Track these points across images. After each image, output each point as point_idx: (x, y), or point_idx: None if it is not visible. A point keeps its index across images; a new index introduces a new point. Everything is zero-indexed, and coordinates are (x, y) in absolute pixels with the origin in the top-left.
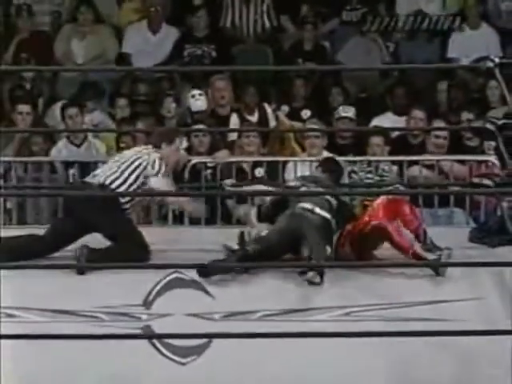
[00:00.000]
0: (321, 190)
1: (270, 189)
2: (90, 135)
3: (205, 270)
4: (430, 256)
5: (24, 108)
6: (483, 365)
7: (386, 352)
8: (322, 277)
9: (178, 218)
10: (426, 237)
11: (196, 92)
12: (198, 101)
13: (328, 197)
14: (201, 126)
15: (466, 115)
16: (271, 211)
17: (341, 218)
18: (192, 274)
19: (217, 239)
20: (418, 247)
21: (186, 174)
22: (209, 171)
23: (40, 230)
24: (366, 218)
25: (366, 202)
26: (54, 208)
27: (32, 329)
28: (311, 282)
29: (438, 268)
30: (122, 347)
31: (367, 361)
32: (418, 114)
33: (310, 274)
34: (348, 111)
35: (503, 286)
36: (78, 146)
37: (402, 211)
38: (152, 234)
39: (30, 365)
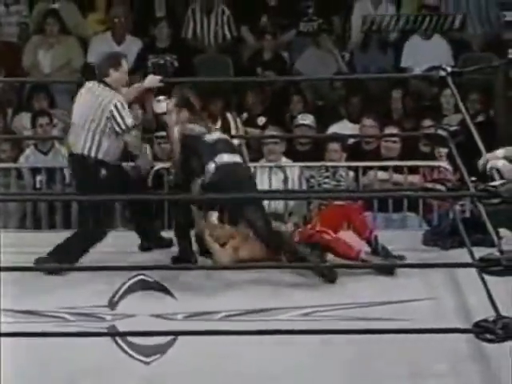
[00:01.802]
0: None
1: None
2: (56, 143)
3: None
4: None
5: None
6: (435, 361)
7: (344, 350)
8: None
9: None
10: (377, 243)
11: (161, 97)
12: (162, 103)
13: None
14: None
15: (427, 122)
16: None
17: None
18: (156, 276)
19: None
20: (365, 254)
21: (150, 180)
22: (171, 177)
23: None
24: (311, 230)
25: (323, 207)
26: (22, 213)
27: None
28: None
29: (393, 270)
30: (87, 347)
31: (326, 358)
32: (368, 121)
33: None
34: (306, 119)
35: (455, 287)
36: (46, 153)
37: (353, 219)
38: (118, 238)
39: None
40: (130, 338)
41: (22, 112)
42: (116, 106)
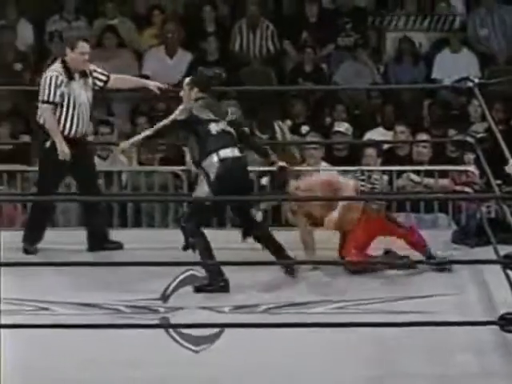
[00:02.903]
0: None
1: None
2: (114, 149)
3: None
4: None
5: None
6: (461, 351)
7: (374, 340)
8: None
9: None
10: (430, 252)
11: None
12: None
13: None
14: None
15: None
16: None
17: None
18: (204, 272)
19: (225, 239)
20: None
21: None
22: None
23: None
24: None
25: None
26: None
27: (60, 321)
28: None
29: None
30: (141, 337)
31: (357, 349)
32: (400, 128)
33: None
34: (341, 126)
35: (481, 282)
36: (104, 158)
37: (390, 231)
38: (169, 235)
39: (55, 353)
40: (180, 329)
41: None
42: (45, 78)
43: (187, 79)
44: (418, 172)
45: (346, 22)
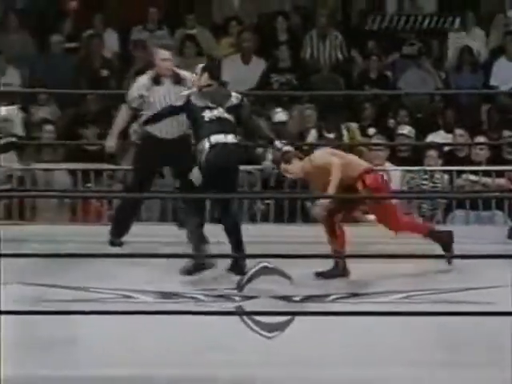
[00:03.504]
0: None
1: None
2: None
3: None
4: None
5: None
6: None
7: (436, 329)
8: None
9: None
10: None
11: (279, 110)
12: (279, 113)
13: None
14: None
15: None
16: None
17: None
18: (276, 264)
19: (295, 234)
20: None
21: (272, 182)
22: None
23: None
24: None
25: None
26: (162, 207)
27: (144, 308)
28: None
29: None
30: (218, 324)
31: (420, 337)
32: (460, 131)
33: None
34: (404, 129)
35: None
36: None
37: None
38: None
39: (142, 338)
40: (255, 316)
41: None
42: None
43: (200, 65)
44: (476, 172)
45: (410, 32)
